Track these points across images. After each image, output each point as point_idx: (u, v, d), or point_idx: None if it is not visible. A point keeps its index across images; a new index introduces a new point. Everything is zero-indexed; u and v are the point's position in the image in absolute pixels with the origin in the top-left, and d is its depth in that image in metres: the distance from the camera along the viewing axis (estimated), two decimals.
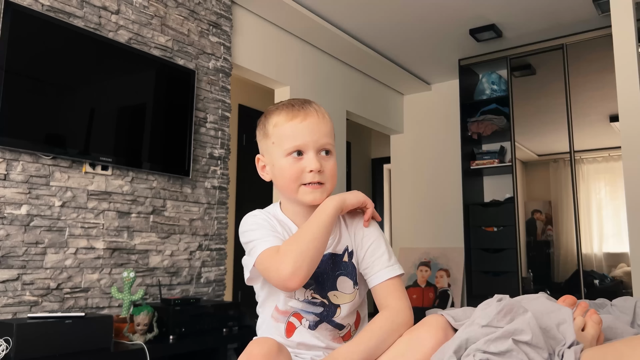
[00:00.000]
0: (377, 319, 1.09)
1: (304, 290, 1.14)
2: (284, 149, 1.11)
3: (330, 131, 1.15)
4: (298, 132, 1.10)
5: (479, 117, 4.27)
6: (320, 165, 1.10)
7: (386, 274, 1.13)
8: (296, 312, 1.15)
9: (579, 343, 0.77)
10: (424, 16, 3.61)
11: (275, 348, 0.99)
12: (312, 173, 1.10)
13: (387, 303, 1.11)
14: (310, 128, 1.11)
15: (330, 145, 1.14)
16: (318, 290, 1.14)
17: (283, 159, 1.12)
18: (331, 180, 1.14)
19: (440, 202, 4.75)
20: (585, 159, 3.75)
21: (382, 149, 6.08)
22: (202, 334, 2.44)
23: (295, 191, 1.12)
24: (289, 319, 1.15)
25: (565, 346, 0.75)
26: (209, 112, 3.01)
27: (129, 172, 2.56)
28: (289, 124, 1.12)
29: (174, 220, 2.76)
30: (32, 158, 2.20)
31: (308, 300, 1.14)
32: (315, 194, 1.11)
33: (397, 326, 1.06)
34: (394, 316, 1.08)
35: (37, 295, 2.18)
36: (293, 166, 1.11)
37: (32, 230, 2.18)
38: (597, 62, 3.65)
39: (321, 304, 1.14)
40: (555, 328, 0.77)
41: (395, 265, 1.15)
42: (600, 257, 3.68)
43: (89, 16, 2.44)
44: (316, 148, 1.11)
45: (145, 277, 2.59)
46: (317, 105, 1.17)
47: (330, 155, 1.14)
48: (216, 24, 3.08)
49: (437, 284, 4.51)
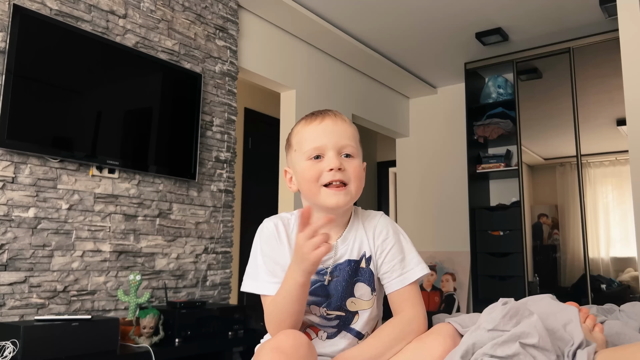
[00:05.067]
0: (387, 325, 1.08)
1: (318, 308, 1.12)
2: (304, 152, 1.10)
3: (351, 134, 1.12)
4: (317, 134, 1.09)
5: (485, 120, 4.26)
6: (341, 164, 1.07)
7: (402, 281, 1.11)
8: (312, 325, 1.14)
9: (590, 343, 0.77)
10: (430, 20, 3.61)
11: (306, 344, 0.96)
12: (332, 172, 1.06)
13: (402, 310, 1.10)
14: (329, 129, 1.09)
15: (352, 148, 1.10)
16: (333, 304, 1.12)
17: (304, 162, 1.10)
18: (355, 182, 1.09)
19: (446, 206, 4.74)
20: (592, 163, 3.73)
21: (388, 152, 6.07)
22: (208, 337, 2.44)
23: (317, 194, 1.08)
24: (305, 330, 1.14)
25: (573, 346, 0.74)
26: (215, 116, 3.02)
27: (136, 175, 2.57)
28: (307, 127, 1.11)
29: (180, 223, 2.76)
30: (40, 161, 2.22)
31: (323, 316, 1.12)
32: (339, 196, 1.07)
33: (406, 334, 1.05)
34: (405, 324, 1.07)
35: (44, 297, 2.19)
36: (313, 167, 1.08)
37: (40, 233, 2.19)
38: (604, 65, 3.64)
39: (337, 317, 1.12)
40: (562, 329, 0.77)
41: (414, 269, 1.13)
42: (607, 262, 3.65)
43: (97, 20, 2.46)
44: (336, 149, 1.08)
45: (151, 280, 2.60)
46: (337, 112, 1.15)
47: (353, 158, 1.10)
48: (223, 27, 3.10)
49: (442, 288, 4.50)
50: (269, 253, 1.12)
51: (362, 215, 1.19)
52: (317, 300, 1.12)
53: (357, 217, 1.18)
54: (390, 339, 1.04)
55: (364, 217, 1.19)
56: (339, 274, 1.11)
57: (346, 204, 1.08)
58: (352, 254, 1.13)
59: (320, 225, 0.96)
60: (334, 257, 1.13)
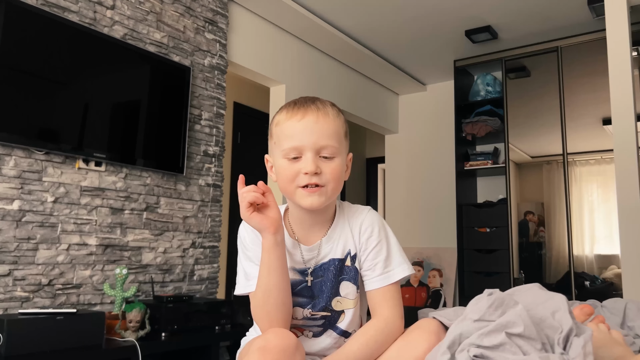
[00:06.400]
0: (368, 328, 1.07)
1: (302, 310, 1.11)
2: (282, 150, 1.06)
3: (333, 132, 1.06)
4: (295, 133, 1.04)
5: (473, 118, 4.28)
6: (317, 167, 1.03)
7: (383, 280, 1.09)
8: (297, 327, 1.13)
9: (583, 330, 0.76)
10: (420, 17, 3.62)
11: (294, 344, 0.95)
12: (307, 175, 1.03)
13: (380, 311, 1.09)
14: (309, 128, 1.04)
15: (332, 148, 1.05)
16: (318, 305, 1.11)
17: (281, 160, 1.06)
18: (333, 183, 1.06)
19: (433, 203, 4.77)
20: (578, 162, 3.77)
21: (377, 148, 6.09)
22: (195, 332, 2.43)
23: (293, 194, 1.06)
24: (290, 330, 1.12)
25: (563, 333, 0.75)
26: (204, 110, 3.00)
27: (123, 169, 2.55)
28: (287, 123, 1.06)
29: (168, 217, 2.75)
30: (25, 153, 2.19)
31: (308, 317, 1.11)
32: (313, 197, 1.04)
33: (386, 337, 1.05)
34: (384, 326, 1.06)
35: (29, 291, 2.16)
36: (289, 167, 1.05)
37: (24, 226, 2.17)
38: (591, 65, 3.68)
39: (322, 317, 1.11)
40: (551, 317, 0.77)
41: (396, 269, 1.10)
42: (592, 259, 3.70)
43: (84, 11, 2.43)
44: (314, 150, 1.04)
45: (138, 274, 2.59)
46: (322, 104, 1.09)
47: (332, 159, 1.05)
48: (212, 21, 3.08)
49: (429, 283, 4.53)
50: (251, 248, 1.12)
51: (348, 210, 1.17)
52: (302, 302, 1.11)
53: (342, 213, 1.16)
54: (372, 342, 1.04)
55: (350, 212, 1.16)
56: (324, 273, 1.10)
57: (321, 204, 1.06)
58: (336, 252, 1.12)
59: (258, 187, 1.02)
60: (317, 258, 1.12)
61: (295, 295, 1.10)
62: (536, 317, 0.77)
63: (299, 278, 1.12)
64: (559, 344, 0.73)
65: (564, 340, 0.73)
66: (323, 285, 1.10)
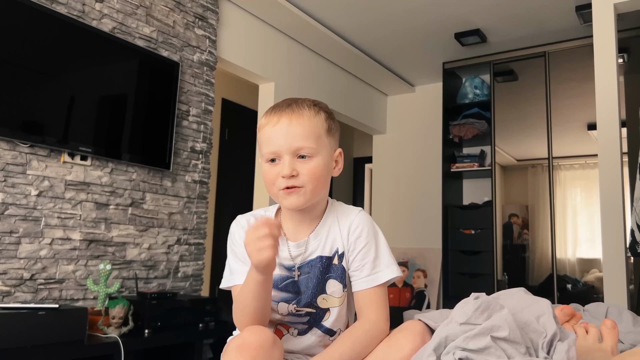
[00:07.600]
0: (354, 330, 1.07)
1: (287, 305, 1.12)
2: (262, 154, 1.11)
3: (309, 133, 1.07)
4: (272, 137, 1.08)
5: (460, 120, 4.31)
6: (293, 169, 1.05)
7: (370, 282, 1.10)
8: (282, 323, 1.14)
9: (567, 334, 0.77)
10: (411, 18, 3.63)
11: (271, 340, 0.96)
12: (284, 179, 1.06)
13: (366, 313, 1.09)
14: (283, 131, 1.06)
15: (308, 148, 1.06)
16: (303, 301, 1.11)
17: (264, 163, 1.11)
18: (312, 183, 1.07)
19: (419, 203, 4.79)
20: (563, 166, 3.82)
21: (365, 148, 6.10)
22: (178, 329, 2.42)
23: (276, 195, 1.10)
24: (276, 327, 1.14)
25: (547, 337, 0.76)
26: (192, 105, 2.98)
27: (109, 163, 2.53)
28: (265, 128, 1.10)
29: (153, 213, 2.73)
30: (9, 145, 2.15)
31: (292, 313, 1.12)
32: (292, 198, 1.07)
33: (372, 338, 1.06)
34: (369, 328, 1.07)
35: (10, 285, 2.13)
36: (270, 171, 1.09)
37: (7, 219, 2.13)
38: (577, 70, 3.72)
39: (307, 314, 1.12)
40: (536, 321, 0.78)
41: (384, 270, 1.11)
42: (574, 262, 3.75)
43: (73, 3, 2.39)
44: (291, 152, 1.06)
45: (121, 270, 2.56)
46: (298, 105, 1.10)
47: (310, 158, 1.07)
48: (202, 16, 3.06)
49: (414, 284, 4.55)
50: (239, 244, 1.13)
51: (339, 209, 1.18)
52: (287, 297, 1.12)
53: (332, 212, 1.17)
54: (358, 344, 1.04)
55: (340, 211, 1.17)
56: (310, 270, 1.11)
57: (301, 204, 1.08)
58: (324, 250, 1.12)
59: (272, 224, 0.96)
60: (304, 254, 1.13)
61: (280, 290, 1.12)
62: (521, 321, 0.77)
63: (285, 274, 1.13)
64: (543, 348, 0.74)
65: (547, 345, 0.74)
66: (309, 281, 1.11)
